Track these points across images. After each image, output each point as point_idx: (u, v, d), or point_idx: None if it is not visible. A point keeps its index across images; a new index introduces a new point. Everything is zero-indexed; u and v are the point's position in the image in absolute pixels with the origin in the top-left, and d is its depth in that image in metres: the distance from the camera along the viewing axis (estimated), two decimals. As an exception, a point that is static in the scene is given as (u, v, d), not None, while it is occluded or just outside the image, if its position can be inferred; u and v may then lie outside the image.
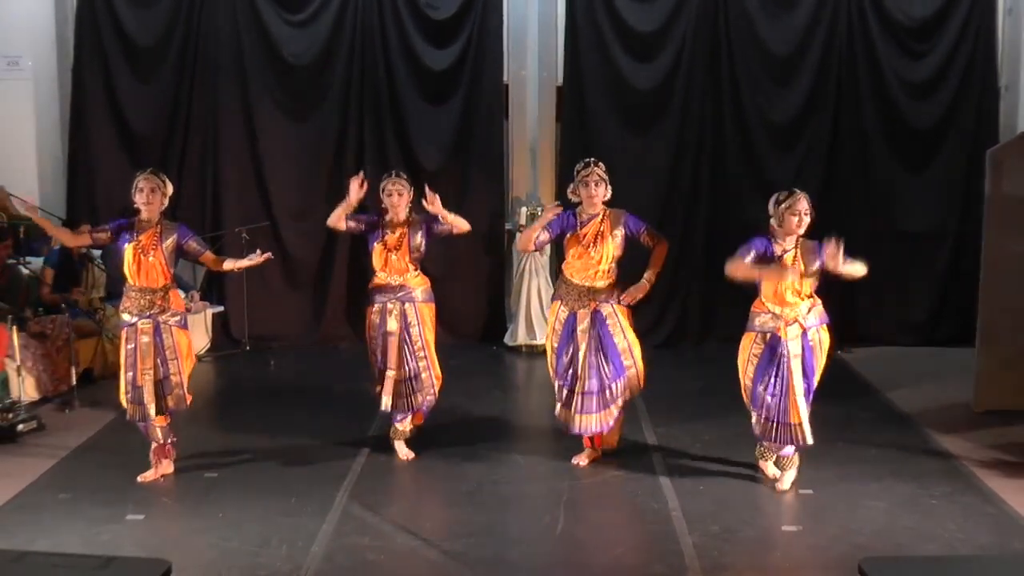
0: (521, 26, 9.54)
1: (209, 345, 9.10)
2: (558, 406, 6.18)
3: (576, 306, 6.04)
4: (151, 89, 9.49)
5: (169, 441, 6.02)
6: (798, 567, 4.92)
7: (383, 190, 6.27)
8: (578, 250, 6.02)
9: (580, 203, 6.07)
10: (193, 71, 9.44)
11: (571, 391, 6.05)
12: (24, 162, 9.29)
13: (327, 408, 7.36)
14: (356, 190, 6.18)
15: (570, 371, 6.05)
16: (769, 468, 5.94)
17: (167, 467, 6.01)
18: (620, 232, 5.99)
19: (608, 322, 6.02)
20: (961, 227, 9.34)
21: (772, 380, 5.65)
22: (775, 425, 5.68)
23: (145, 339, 5.82)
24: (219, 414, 7.37)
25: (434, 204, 6.17)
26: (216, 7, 9.38)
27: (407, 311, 6.26)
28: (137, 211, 6.00)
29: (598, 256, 5.98)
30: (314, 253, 9.59)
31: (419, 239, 6.25)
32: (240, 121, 9.50)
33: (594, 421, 6.03)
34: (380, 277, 6.30)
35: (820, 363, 5.77)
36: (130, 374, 5.88)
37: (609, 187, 6.03)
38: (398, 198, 6.22)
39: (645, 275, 6.04)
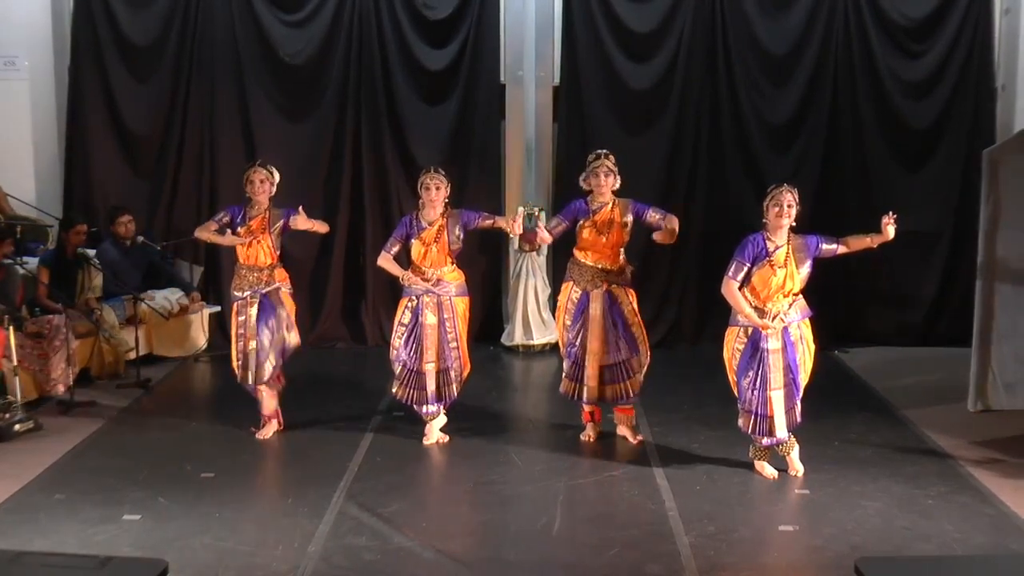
0: (518, 26, 9.53)
1: (206, 345, 9.10)
2: (564, 380, 6.58)
3: (589, 287, 6.41)
4: (148, 88, 9.49)
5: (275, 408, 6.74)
6: (794, 567, 4.93)
7: (421, 184, 6.49)
8: (591, 235, 6.35)
9: (591, 192, 6.36)
10: (190, 70, 9.44)
11: (574, 364, 6.47)
12: (21, 161, 9.29)
13: (323, 408, 7.35)
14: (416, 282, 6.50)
15: (576, 346, 6.43)
16: (766, 469, 5.95)
17: (277, 426, 6.75)
18: (629, 219, 6.36)
19: (621, 305, 6.42)
20: (958, 227, 9.35)
21: (754, 374, 5.79)
22: (756, 418, 5.82)
23: (252, 311, 6.56)
24: (215, 414, 7.36)
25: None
26: (213, 7, 9.38)
27: (443, 304, 6.49)
28: (248, 199, 6.61)
29: (609, 242, 6.36)
30: (310, 253, 9.58)
31: (457, 232, 6.49)
32: (237, 120, 9.50)
33: (608, 391, 6.48)
34: (417, 270, 6.52)
35: (806, 359, 5.86)
36: (240, 343, 6.60)
37: (618, 178, 6.39)
38: (436, 192, 6.45)
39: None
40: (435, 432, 6.62)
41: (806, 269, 5.78)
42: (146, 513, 5.39)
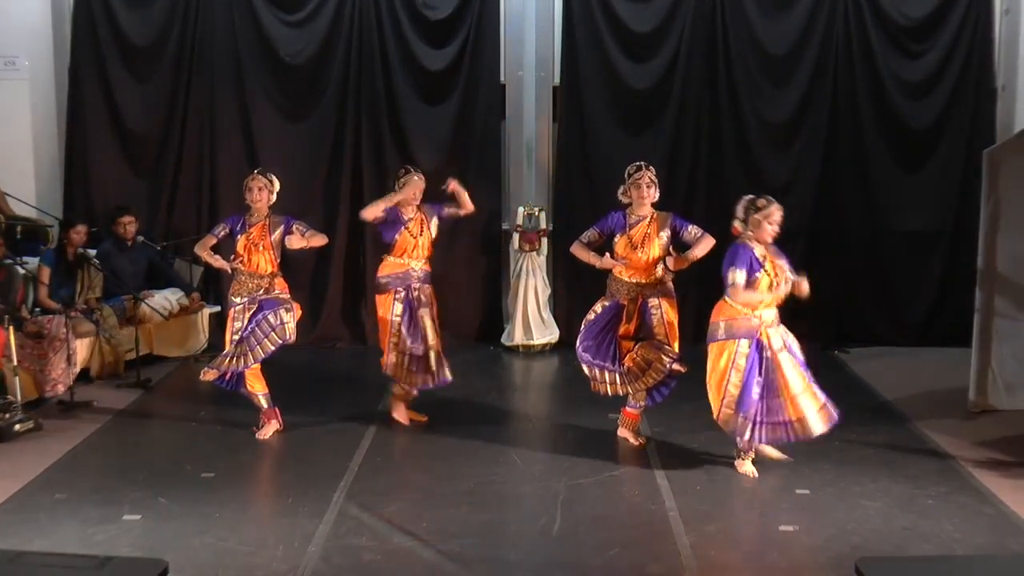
0: (518, 26, 9.54)
1: (206, 345, 9.10)
2: (606, 386, 6.38)
3: (624, 299, 6.34)
4: (148, 88, 9.50)
5: (271, 406, 6.77)
6: (795, 567, 4.92)
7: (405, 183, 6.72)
8: (626, 250, 6.28)
9: (630, 204, 6.33)
10: (190, 70, 9.45)
11: (606, 370, 6.33)
12: (21, 161, 9.30)
13: (323, 408, 7.35)
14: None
15: (611, 351, 6.33)
16: (747, 466, 5.98)
17: (277, 426, 6.75)
18: (667, 233, 6.27)
19: (652, 312, 6.30)
20: (957, 227, 9.34)
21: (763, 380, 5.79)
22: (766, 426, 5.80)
23: (249, 315, 6.59)
24: (215, 414, 7.35)
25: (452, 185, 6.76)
26: (213, 7, 9.39)
27: (428, 292, 6.77)
28: (248, 207, 6.66)
29: (645, 256, 6.25)
30: (310, 253, 9.53)
31: (434, 225, 6.80)
32: (237, 121, 9.51)
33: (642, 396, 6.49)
34: (401, 262, 6.71)
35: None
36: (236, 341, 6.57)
37: (658, 190, 6.33)
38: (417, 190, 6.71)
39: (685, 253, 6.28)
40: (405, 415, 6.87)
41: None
42: (146, 513, 5.39)
